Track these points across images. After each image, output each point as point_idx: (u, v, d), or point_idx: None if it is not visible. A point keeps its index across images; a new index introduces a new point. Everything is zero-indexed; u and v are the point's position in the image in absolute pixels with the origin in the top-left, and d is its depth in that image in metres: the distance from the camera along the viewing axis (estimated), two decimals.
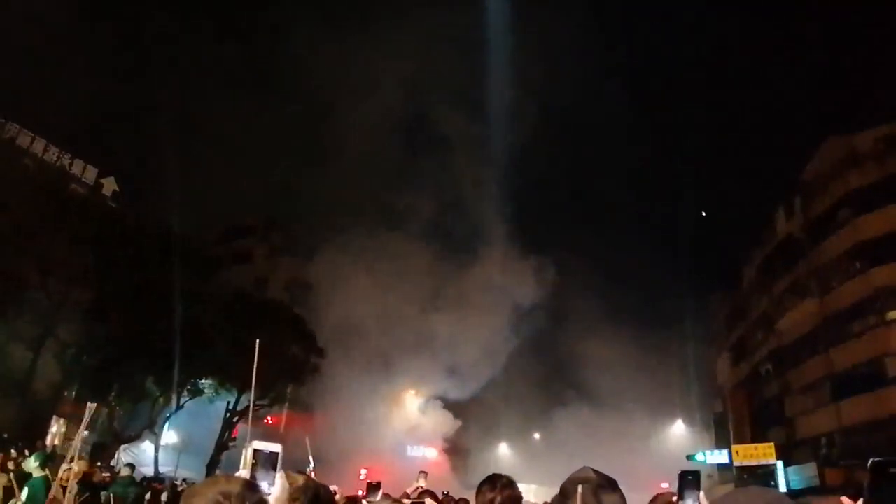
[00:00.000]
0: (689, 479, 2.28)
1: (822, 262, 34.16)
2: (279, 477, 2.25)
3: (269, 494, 2.42)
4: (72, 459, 9.85)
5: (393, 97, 53.11)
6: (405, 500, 5.19)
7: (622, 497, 2.10)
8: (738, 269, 46.61)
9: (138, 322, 27.62)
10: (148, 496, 13.51)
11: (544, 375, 53.30)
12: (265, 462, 2.34)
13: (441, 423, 47.14)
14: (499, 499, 3.13)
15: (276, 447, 2.44)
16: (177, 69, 76.73)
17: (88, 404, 9.33)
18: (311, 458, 6.85)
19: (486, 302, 46.92)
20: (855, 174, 32.79)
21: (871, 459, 1.00)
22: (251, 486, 1.77)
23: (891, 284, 30.06)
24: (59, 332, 28.14)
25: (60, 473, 10.31)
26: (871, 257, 31.14)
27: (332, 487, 5.09)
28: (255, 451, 2.37)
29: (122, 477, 13.14)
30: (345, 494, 6.71)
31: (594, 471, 2.15)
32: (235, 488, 1.68)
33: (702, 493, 2.27)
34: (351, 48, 69.13)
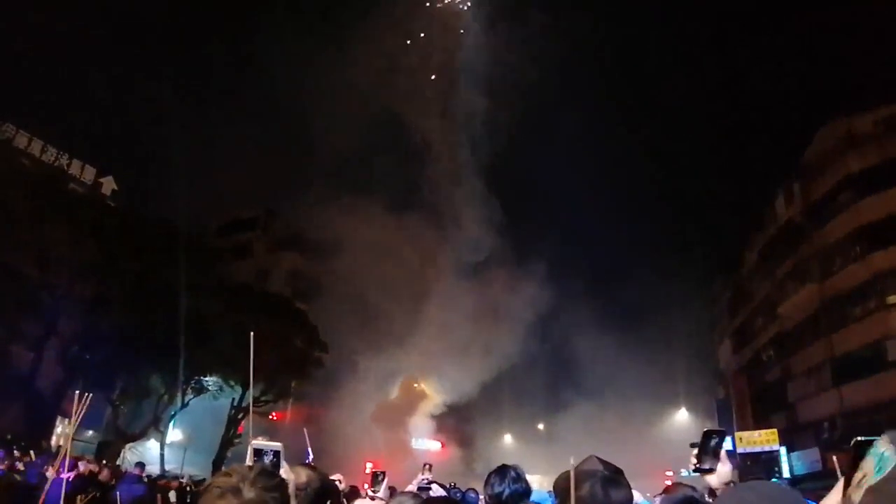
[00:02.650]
0: (712, 437, 2.29)
1: (823, 246, 34.13)
2: (283, 472, 2.23)
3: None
4: (65, 454, 9.86)
5: (368, 101, 52.95)
6: (410, 488, 5.21)
7: (629, 490, 2.10)
8: (740, 254, 46.60)
9: (141, 317, 27.64)
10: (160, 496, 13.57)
11: (547, 366, 53.42)
12: (266, 458, 2.31)
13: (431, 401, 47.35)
14: (507, 492, 3.11)
15: (276, 445, 2.41)
16: (172, 70, 76.53)
17: (77, 393, 9.28)
18: (309, 451, 6.84)
19: (486, 300, 47.00)
20: (854, 157, 32.70)
21: (854, 438, 1.03)
22: (268, 471, 1.83)
23: (891, 268, 30.05)
24: (62, 330, 28.17)
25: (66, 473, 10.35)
26: (871, 241, 31.11)
27: (337, 476, 5.08)
28: (256, 450, 2.35)
29: (130, 475, 13.19)
30: (348, 485, 6.72)
31: (600, 461, 2.15)
32: (252, 473, 1.75)
33: (724, 452, 2.28)
34: (327, 52, 69.06)
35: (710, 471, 2.29)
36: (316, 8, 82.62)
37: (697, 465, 2.32)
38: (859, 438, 1.04)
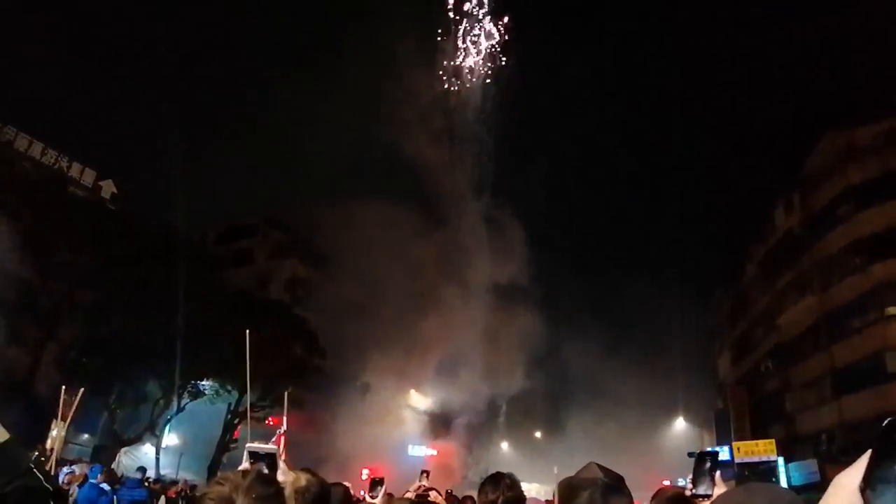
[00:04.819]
0: (706, 460, 2.22)
1: (823, 257, 34.12)
2: (280, 475, 2.20)
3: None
4: (51, 451, 9.77)
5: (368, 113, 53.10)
6: (408, 495, 5.18)
7: (630, 499, 2.06)
8: (740, 265, 46.57)
9: (140, 321, 27.59)
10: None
11: (545, 375, 53.28)
12: (261, 464, 2.29)
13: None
14: (501, 499, 3.10)
15: (273, 448, 2.40)
16: (173, 75, 76.81)
17: (65, 390, 9.19)
18: (284, 421, 6.80)
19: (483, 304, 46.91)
20: (854, 169, 32.74)
21: (887, 419, 0.96)
22: (263, 478, 1.77)
23: (891, 280, 30.03)
24: (60, 334, 28.09)
25: (62, 478, 10.30)
26: (871, 253, 31.11)
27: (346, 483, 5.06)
28: (251, 452, 2.34)
29: (131, 479, 13.15)
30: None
31: (601, 468, 2.11)
32: (245, 481, 1.69)
33: (718, 474, 2.21)
34: (327, 64, 69.62)
35: (707, 497, 2.20)
36: (317, 22, 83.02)
37: (693, 491, 2.24)
38: (893, 420, 0.96)
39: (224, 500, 1.64)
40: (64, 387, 10.34)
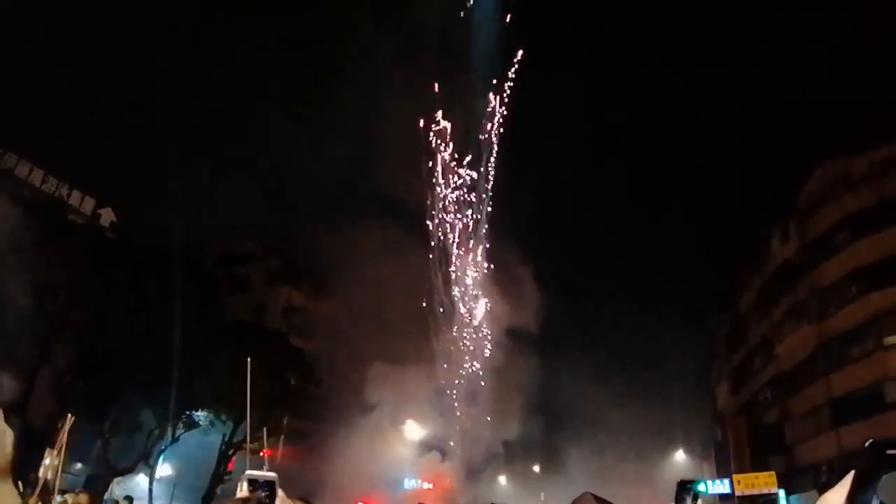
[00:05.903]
0: (686, 489, 2.22)
1: (820, 286, 34.10)
2: (278, 502, 2.17)
3: None
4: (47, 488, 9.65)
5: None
6: None
7: None
8: (738, 295, 46.49)
9: (136, 344, 27.39)
10: None
11: (543, 408, 52.80)
12: (261, 491, 2.26)
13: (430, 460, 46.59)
14: None
15: (271, 475, 2.38)
16: (172, 103, 77.46)
17: (69, 416, 9.15)
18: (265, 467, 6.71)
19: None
20: (851, 198, 32.88)
21: (869, 440, 0.99)
22: None
23: (889, 309, 30.00)
24: (56, 359, 27.85)
25: None
26: (868, 281, 31.11)
27: None
28: (250, 479, 2.31)
29: None
30: None
31: (595, 497, 2.10)
32: None
33: (699, 502, 2.20)
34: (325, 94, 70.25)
35: None
36: (313, 55, 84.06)
37: None
38: (874, 441, 0.98)
39: None
40: (69, 416, 10.26)
